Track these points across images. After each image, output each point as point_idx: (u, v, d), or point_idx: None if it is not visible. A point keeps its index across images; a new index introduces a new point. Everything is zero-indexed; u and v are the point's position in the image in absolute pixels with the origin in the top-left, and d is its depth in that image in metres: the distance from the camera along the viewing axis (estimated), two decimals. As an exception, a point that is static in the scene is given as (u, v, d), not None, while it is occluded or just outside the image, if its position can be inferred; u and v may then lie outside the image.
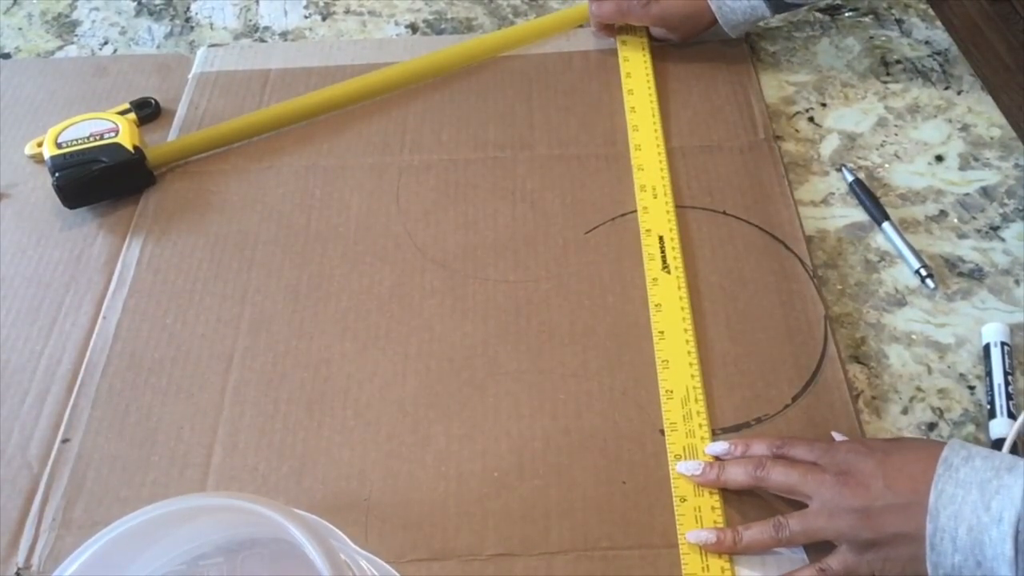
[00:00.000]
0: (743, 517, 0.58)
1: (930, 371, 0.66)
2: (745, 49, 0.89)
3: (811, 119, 0.84)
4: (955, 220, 0.76)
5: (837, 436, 0.61)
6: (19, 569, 0.58)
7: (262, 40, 0.95)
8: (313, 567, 0.46)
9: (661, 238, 0.73)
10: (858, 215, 0.76)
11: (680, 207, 0.76)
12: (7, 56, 0.95)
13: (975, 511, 0.50)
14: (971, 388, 0.65)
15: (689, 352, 0.66)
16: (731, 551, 0.56)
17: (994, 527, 0.49)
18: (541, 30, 0.91)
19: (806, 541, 0.56)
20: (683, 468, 0.60)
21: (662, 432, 0.63)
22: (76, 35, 0.97)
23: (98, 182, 0.77)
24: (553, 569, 0.57)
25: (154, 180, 0.80)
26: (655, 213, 0.75)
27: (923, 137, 0.82)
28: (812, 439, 0.59)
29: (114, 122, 0.80)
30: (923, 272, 0.71)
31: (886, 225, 0.73)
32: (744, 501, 0.59)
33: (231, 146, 0.83)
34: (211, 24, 0.97)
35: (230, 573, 0.55)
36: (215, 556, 0.55)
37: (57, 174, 0.76)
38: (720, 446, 0.61)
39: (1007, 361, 0.65)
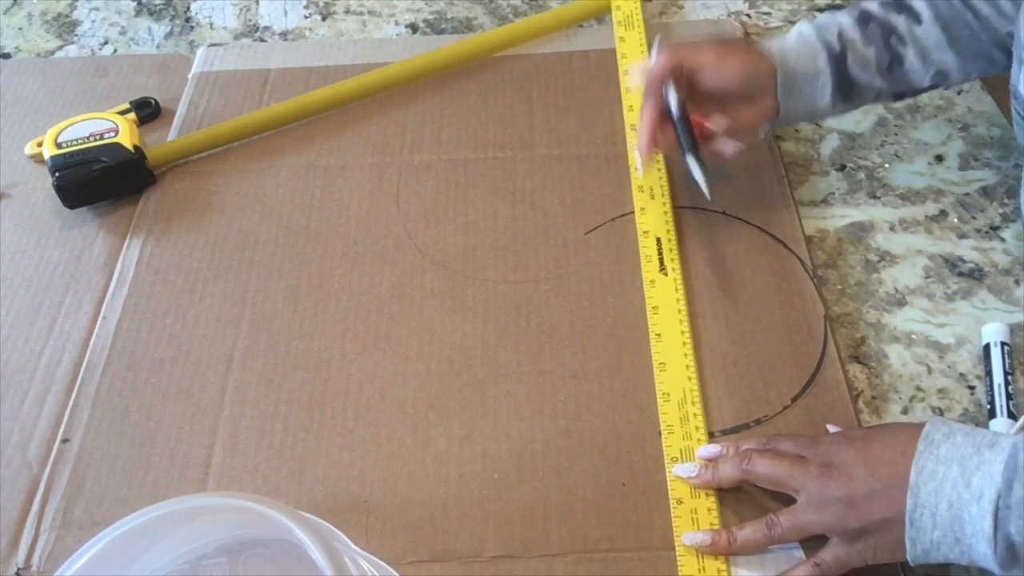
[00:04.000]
0: (739, 518, 0.58)
1: (930, 371, 0.67)
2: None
3: (811, 119, 0.84)
4: (955, 220, 0.76)
5: (832, 429, 0.62)
6: (19, 569, 0.58)
7: (262, 40, 0.95)
8: (316, 568, 0.47)
9: (659, 240, 0.73)
10: (858, 215, 0.76)
11: (679, 207, 0.76)
12: (7, 56, 0.95)
13: (955, 487, 0.50)
14: (971, 388, 0.65)
15: (686, 355, 0.66)
16: (726, 552, 0.57)
17: (974, 504, 0.49)
18: (540, 28, 0.91)
19: (797, 537, 0.56)
20: (679, 471, 0.60)
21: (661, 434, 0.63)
22: (76, 35, 0.97)
23: (98, 182, 0.77)
24: (553, 571, 0.57)
25: (154, 180, 0.80)
26: (652, 214, 0.75)
27: (923, 137, 0.82)
28: (798, 434, 0.60)
29: (114, 122, 0.80)
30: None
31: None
32: (741, 502, 0.59)
33: (231, 146, 0.83)
34: (211, 24, 0.97)
35: (233, 573, 0.55)
36: (217, 556, 0.55)
37: (57, 174, 0.76)
38: (712, 449, 0.61)
39: (1007, 361, 0.65)
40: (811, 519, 0.54)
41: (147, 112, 0.86)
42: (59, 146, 0.77)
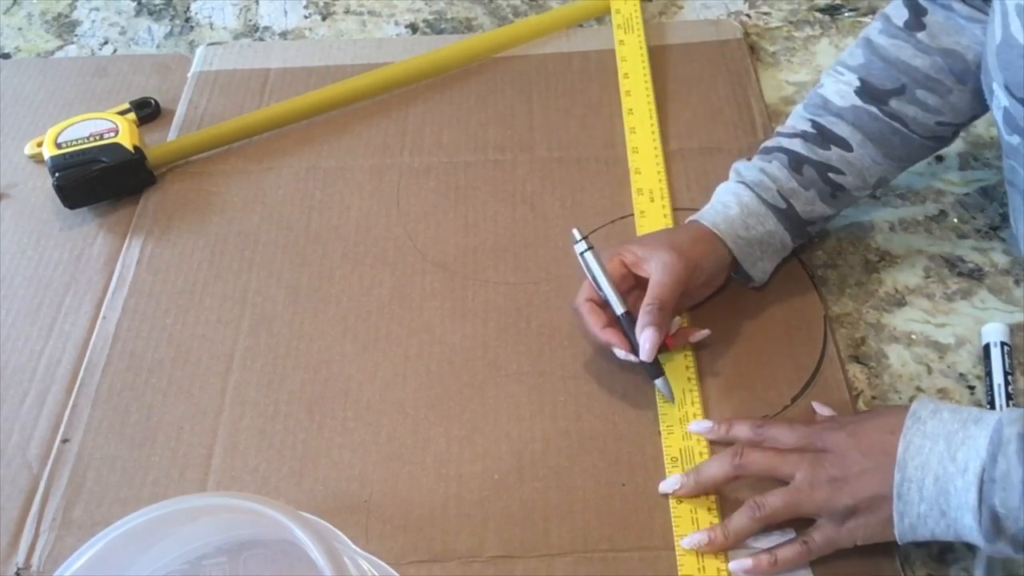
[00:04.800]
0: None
1: (930, 371, 0.67)
2: (745, 49, 0.89)
3: (811, 120, 0.84)
4: (955, 220, 0.76)
5: (818, 408, 0.62)
6: (19, 569, 0.58)
7: (262, 40, 0.95)
8: (316, 568, 0.47)
9: (660, 241, 0.73)
10: (858, 215, 0.76)
11: (679, 210, 0.76)
12: (7, 56, 0.95)
13: (941, 461, 0.51)
14: (971, 388, 0.65)
15: (686, 355, 0.66)
16: (724, 547, 0.57)
17: (959, 477, 0.51)
18: (540, 28, 0.91)
19: (788, 516, 0.56)
20: (664, 487, 0.60)
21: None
22: (76, 35, 0.97)
23: (99, 182, 0.77)
24: (553, 571, 0.57)
25: (154, 180, 0.80)
26: (652, 217, 0.75)
27: (923, 138, 0.82)
28: (792, 421, 0.60)
29: (113, 122, 0.80)
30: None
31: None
32: (741, 501, 0.59)
33: (231, 146, 0.83)
34: (211, 24, 0.97)
35: (233, 573, 0.55)
36: (217, 556, 0.55)
37: (57, 174, 0.76)
38: (703, 424, 0.62)
39: (1007, 361, 0.65)
40: (803, 499, 0.55)
41: (147, 112, 0.86)
42: (59, 146, 0.77)
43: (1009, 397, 0.63)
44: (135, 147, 0.78)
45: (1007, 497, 0.49)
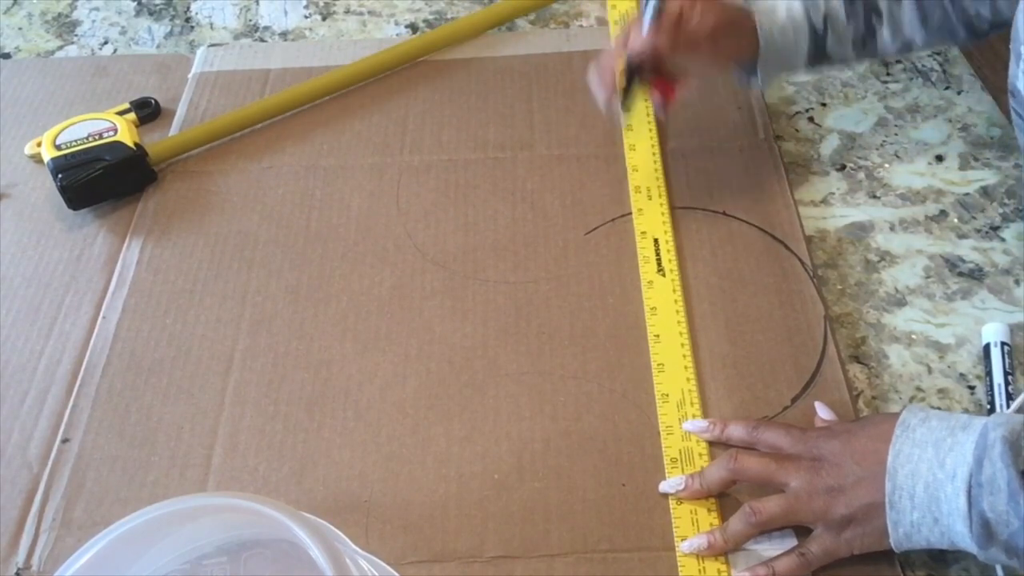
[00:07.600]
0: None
1: (930, 371, 0.67)
2: (745, 49, 0.89)
3: (811, 119, 0.84)
4: (955, 220, 0.76)
5: (820, 409, 0.62)
6: (19, 569, 0.58)
7: (262, 40, 0.95)
8: (316, 568, 0.47)
9: (656, 240, 0.73)
10: (858, 215, 0.76)
11: (679, 208, 0.76)
12: (7, 56, 0.95)
13: (931, 468, 0.51)
14: (971, 388, 0.65)
15: (684, 355, 0.66)
16: (723, 551, 0.57)
17: (948, 483, 0.51)
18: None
19: (784, 523, 0.56)
20: (666, 487, 0.60)
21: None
22: (76, 35, 0.97)
23: (102, 181, 0.77)
24: (553, 571, 0.57)
25: (155, 176, 0.80)
26: (650, 215, 0.75)
27: (923, 137, 0.82)
28: (787, 425, 0.60)
29: (111, 121, 0.80)
30: None
31: None
32: (742, 501, 0.59)
33: (232, 144, 0.83)
34: (211, 24, 0.97)
35: (233, 573, 0.55)
36: (218, 556, 0.55)
37: (60, 175, 0.76)
38: (699, 424, 0.62)
39: (1007, 361, 0.65)
40: (801, 507, 0.55)
41: (147, 112, 0.86)
42: (58, 148, 0.77)
43: (1009, 397, 0.63)
44: (136, 144, 0.78)
45: (995, 501, 0.49)
